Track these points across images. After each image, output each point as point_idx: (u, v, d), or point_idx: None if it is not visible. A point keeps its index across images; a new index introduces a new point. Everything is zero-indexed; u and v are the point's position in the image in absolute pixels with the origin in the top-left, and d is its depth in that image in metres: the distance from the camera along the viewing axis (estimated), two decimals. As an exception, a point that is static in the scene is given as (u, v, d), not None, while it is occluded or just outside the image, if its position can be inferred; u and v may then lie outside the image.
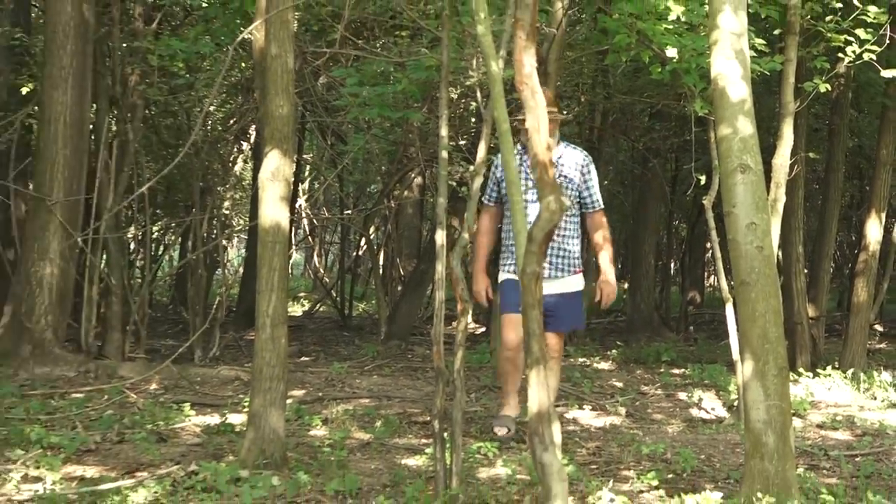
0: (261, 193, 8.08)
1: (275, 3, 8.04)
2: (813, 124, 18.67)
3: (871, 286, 15.79)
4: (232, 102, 18.30)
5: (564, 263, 8.97)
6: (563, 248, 8.95)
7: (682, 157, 21.81)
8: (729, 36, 7.10)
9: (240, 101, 17.58)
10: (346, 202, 24.54)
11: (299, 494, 7.29)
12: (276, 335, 7.96)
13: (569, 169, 9.01)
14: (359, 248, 25.25)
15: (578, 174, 9.07)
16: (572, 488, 7.66)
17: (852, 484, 8.09)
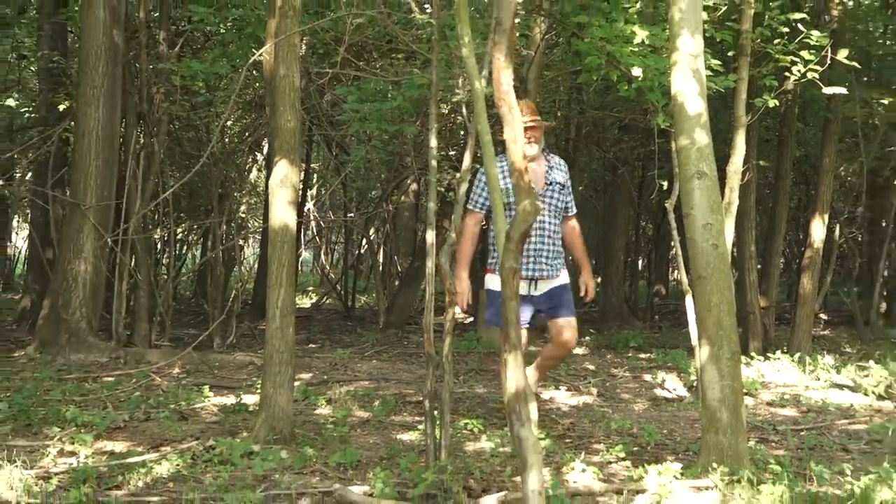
0: (270, 198, 8.09)
1: (283, 29, 8.06)
2: (764, 136, 18.68)
3: (816, 279, 15.86)
4: (247, 118, 18.28)
5: (558, 263, 8.62)
6: (557, 250, 8.61)
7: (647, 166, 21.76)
8: (687, 57, 7.11)
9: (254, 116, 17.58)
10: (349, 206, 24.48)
11: (305, 466, 7.31)
12: (284, 325, 7.97)
13: (559, 176, 8.68)
14: (360, 247, 25.21)
15: (566, 181, 8.77)
16: (549, 460, 7.68)
17: (797, 455, 8.10)
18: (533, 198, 4.76)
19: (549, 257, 8.52)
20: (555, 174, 8.64)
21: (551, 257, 8.53)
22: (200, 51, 16.18)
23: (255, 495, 6.33)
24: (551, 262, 8.53)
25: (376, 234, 23.90)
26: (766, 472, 7.04)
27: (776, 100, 11.14)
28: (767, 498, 6.37)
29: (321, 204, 27.65)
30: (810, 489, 6.69)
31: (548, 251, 8.50)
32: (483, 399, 10.51)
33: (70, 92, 14.68)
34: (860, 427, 9.59)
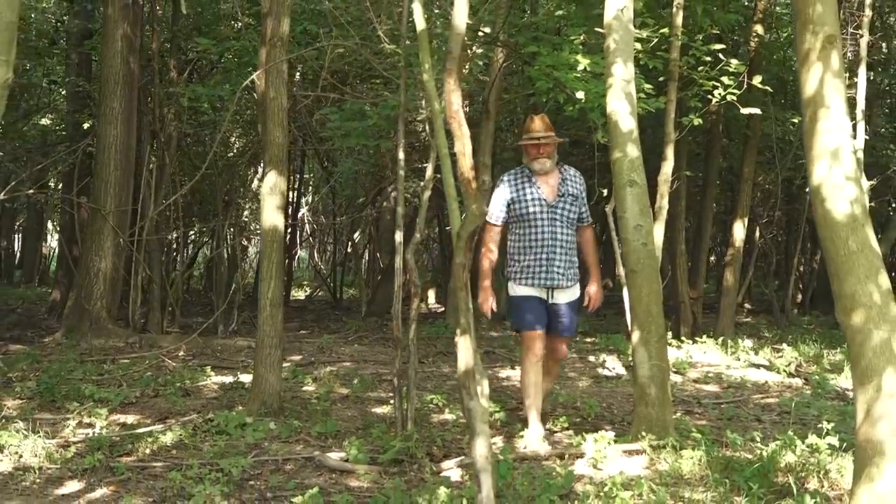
0: (262, 204, 8.09)
1: (272, 57, 8.07)
2: (695, 149, 18.72)
3: (738, 274, 16.00)
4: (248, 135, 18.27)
5: (572, 273, 7.62)
6: (570, 260, 7.60)
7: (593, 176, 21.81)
8: (620, 82, 7.14)
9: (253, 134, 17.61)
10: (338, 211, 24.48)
11: (291, 435, 7.32)
12: (273, 314, 7.99)
13: (572, 187, 7.64)
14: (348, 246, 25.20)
15: (580, 192, 7.71)
16: (501, 430, 7.70)
17: (717, 425, 8.12)
18: (480, 203, 4.75)
19: (564, 267, 7.54)
20: (568, 186, 7.63)
21: (565, 267, 7.55)
22: (207, 77, 16.18)
23: (245, 461, 6.33)
24: (565, 272, 7.55)
25: (361, 236, 23.86)
26: (689, 440, 7.05)
27: (701, 119, 11.22)
28: (688, 461, 6.39)
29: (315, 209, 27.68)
30: (726, 454, 6.71)
31: (561, 261, 7.52)
32: (448, 377, 10.50)
33: (93, 112, 14.70)
34: (773, 400, 9.62)
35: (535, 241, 7.51)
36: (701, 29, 12.11)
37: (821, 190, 4.91)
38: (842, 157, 4.86)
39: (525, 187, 7.59)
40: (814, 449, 6.42)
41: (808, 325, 18.09)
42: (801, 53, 5.03)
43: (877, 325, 4.72)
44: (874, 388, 4.70)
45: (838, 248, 4.84)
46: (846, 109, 4.96)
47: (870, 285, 4.76)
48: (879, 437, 4.66)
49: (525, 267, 7.57)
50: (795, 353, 12.72)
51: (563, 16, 11.92)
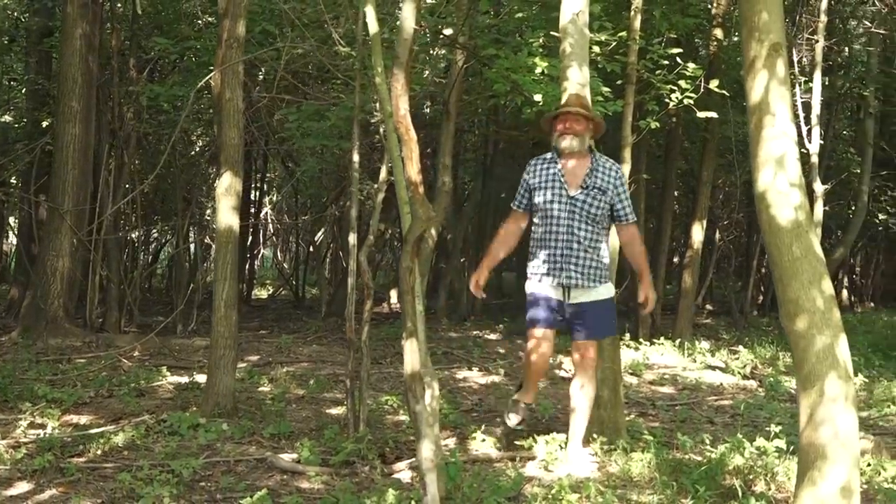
0: (216, 205, 8.08)
1: (228, 58, 8.05)
2: (655, 152, 18.85)
3: (696, 276, 16.12)
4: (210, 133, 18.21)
5: (596, 274, 6.81)
6: (594, 259, 6.80)
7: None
8: (575, 85, 7.15)
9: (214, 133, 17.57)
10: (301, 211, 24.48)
11: (244, 437, 7.31)
12: (228, 314, 7.98)
13: (602, 181, 6.82)
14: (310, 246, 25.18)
15: (611, 186, 6.85)
16: (454, 432, 7.71)
17: (670, 427, 8.17)
18: (427, 208, 4.77)
19: (584, 266, 6.77)
20: (597, 178, 6.83)
21: (585, 266, 6.77)
22: (168, 76, 16.12)
23: (197, 462, 6.32)
24: (585, 272, 6.77)
25: (324, 235, 23.84)
26: (640, 442, 7.10)
27: (658, 122, 11.24)
28: (638, 464, 6.44)
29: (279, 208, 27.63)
30: (675, 456, 6.75)
31: (578, 258, 6.75)
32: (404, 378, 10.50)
33: (51, 110, 14.61)
34: (726, 402, 9.70)
35: (551, 235, 6.79)
36: (659, 33, 12.19)
37: (766, 196, 4.96)
38: (786, 163, 4.91)
39: (547, 174, 6.91)
40: (762, 451, 6.47)
41: (766, 326, 18.22)
42: (747, 61, 5.08)
43: (820, 331, 4.77)
44: (817, 392, 4.75)
45: (782, 254, 4.89)
46: (791, 116, 5.02)
47: (813, 291, 4.81)
48: (822, 441, 4.71)
49: (541, 262, 6.88)
50: (751, 355, 12.83)
51: (524, 18, 11.95)
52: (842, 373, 4.75)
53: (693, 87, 10.83)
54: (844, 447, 4.69)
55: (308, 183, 22.87)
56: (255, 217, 22.15)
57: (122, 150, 14.12)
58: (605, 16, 10.98)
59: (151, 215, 18.49)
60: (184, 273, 16.07)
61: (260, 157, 20.61)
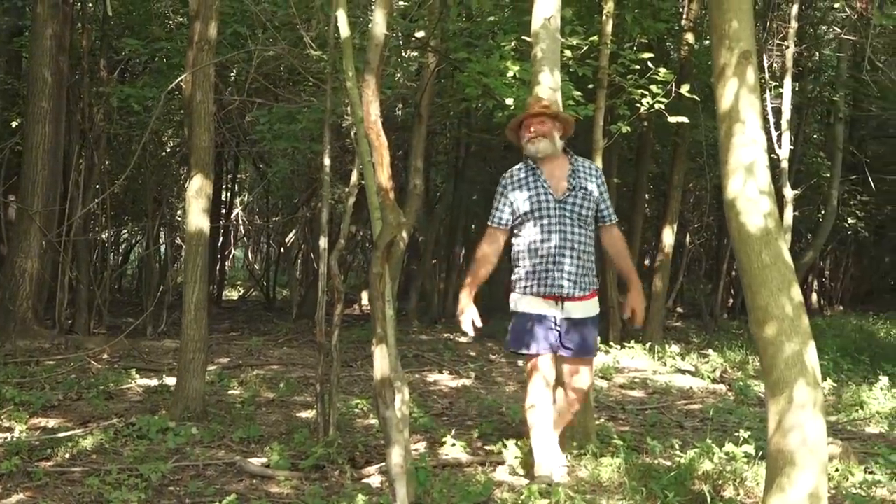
0: (187, 207, 8.04)
1: (199, 60, 8.02)
2: (627, 155, 18.90)
3: (667, 279, 16.17)
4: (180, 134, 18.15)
5: (587, 282, 6.38)
6: (585, 265, 6.37)
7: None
8: (547, 90, 7.14)
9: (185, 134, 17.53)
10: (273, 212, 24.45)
11: (213, 440, 7.29)
12: (198, 317, 7.95)
13: (585, 179, 6.46)
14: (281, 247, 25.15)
15: (596, 186, 6.50)
16: (424, 436, 7.69)
17: (639, 431, 8.17)
18: (397, 213, 4.76)
19: (576, 273, 6.32)
20: (580, 178, 6.46)
21: (578, 274, 6.33)
22: (139, 77, 16.06)
23: (166, 466, 6.30)
24: (578, 280, 6.33)
25: (295, 236, 23.81)
26: (610, 447, 7.11)
27: (629, 127, 11.26)
28: (607, 469, 6.45)
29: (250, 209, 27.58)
30: (645, 461, 6.76)
31: (572, 265, 6.30)
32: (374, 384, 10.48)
33: (21, 111, 14.53)
34: (696, 407, 9.72)
35: (541, 242, 6.33)
36: (631, 37, 12.22)
37: (735, 203, 4.97)
38: (756, 171, 4.93)
39: (528, 181, 6.47)
40: (731, 457, 6.50)
41: (735, 329, 18.27)
42: (717, 68, 5.10)
43: (789, 338, 4.79)
44: (786, 399, 4.76)
45: (752, 261, 4.91)
46: (761, 124, 5.03)
47: (782, 298, 4.83)
48: (790, 448, 4.73)
49: (529, 273, 6.39)
50: (721, 358, 12.87)
51: (495, 22, 11.96)
52: (810, 379, 4.77)
53: (664, 92, 10.85)
54: (813, 453, 4.71)
55: (279, 184, 22.84)
56: (227, 218, 22.08)
57: (92, 151, 14.07)
58: (577, 20, 10.99)
59: (121, 216, 18.44)
60: (154, 274, 16.01)
61: (231, 159, 20.56)
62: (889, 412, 9.24)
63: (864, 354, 12.99)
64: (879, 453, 7.08)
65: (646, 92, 10.95)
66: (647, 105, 10.95)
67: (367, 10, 11.54)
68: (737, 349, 13.91)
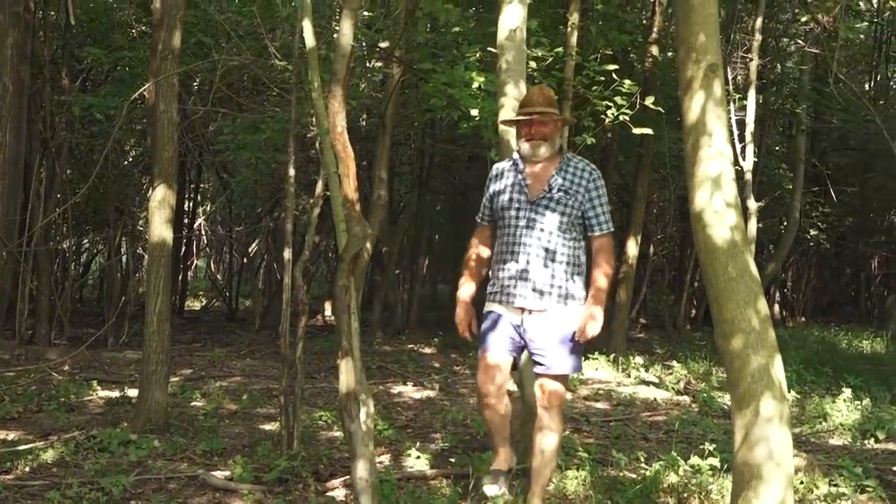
0: (150, 217, 7.98)
1: (162, 70, 7.97)
2: (590, 167, 18.92)
3: (630, 290, 16.19)
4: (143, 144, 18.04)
5: (559, 293, 5.67)
6: (559, 277, 5.68)
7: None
8: (511, 101, 7.15)
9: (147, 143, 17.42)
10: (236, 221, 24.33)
11: (176, 453, 7.23)
12: (161, 328, 7.89)
13: (571, 182, 5.74)
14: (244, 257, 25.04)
15: (582, 189, 5.75)
16: (389, 448, 7.66)
17: (604, 443, 8.17)
18: (363, 225, 4.73)
19: (544, 284, 5.66)
20: (565, 180, 5.77)
21: (546, 284, 5.66)
22: (101, 86, 15.96)
23: (127, 479, 6.25)
24: (544, 292, 5.67)
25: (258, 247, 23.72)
26: (575, 459, 7.10)
27: (594, 138, 11.27)
28: (572, 482, 6.44)
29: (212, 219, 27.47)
30: (610, 473, 6.76)
31: (539, 276, 5.66)
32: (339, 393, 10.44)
33: (-20, 119, 14.39)
34: (660, 418, 9.73)
35: (507, 247, 5.79)
36: (595, 49, 12.23)
37: (702, 216, 4.97)
38: (723, 183, 4.93)
39: (508, 178, 5.92)
40: (696, 469, 6.51)
41: (699, 340, 18.32)
42: (683, 81, 5.10)
43: (755, 351, 4.79)
44: (752, 412, 4.77)
45: (718, 274, 4.91)
46: (727, 137, 5.04)
47: (749, 311, 4.83)
48: (756, 461, 4.73)
49: (496, 278, 5.85)
50: (685, 370, 12.90)
51: (460, 33, 11.95)
52: (777, 393, 4.77)
53: (629, 104, 10.88)
54: (779, 467, 4.72)
55: (242, 194, 22.75)
56: (189, 228, 21.97)
57: (53, 161, 13.95)
58: (542, 31, 11.01)
59: (82, 226, 18.30)
60: (115, 285, 15.90)
61: (194, 168, 20.44)
62: (852, 424, 9.29)
63: (827, 366, 13.04)
64: (844, 465, 7.09)
65: (610, 104, 10.98)
66: (612, 116, 10.99)
67: (332, 20, 11.49)
68: (700, 360, 13.94)
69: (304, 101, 8.37)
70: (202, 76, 12.99)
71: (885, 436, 8.83)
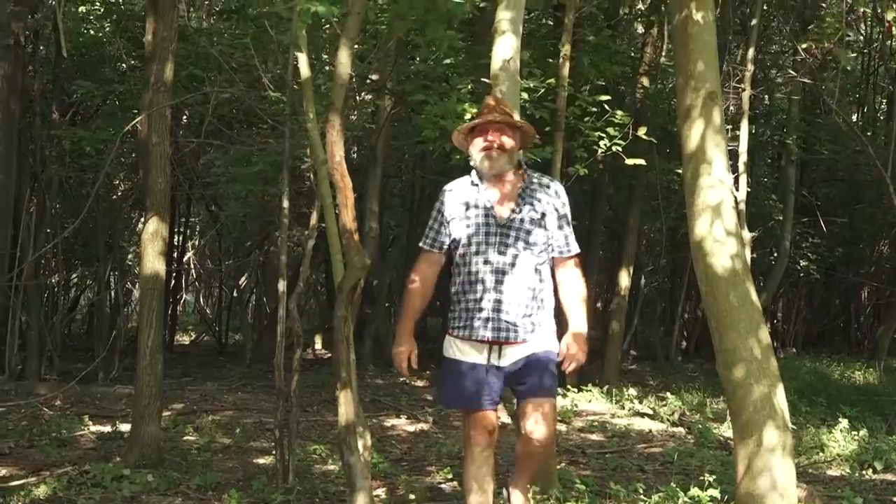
0: (143, 250, 7.92)
1: (155, 102, 7.94)
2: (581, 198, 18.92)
3: (623, 322, 16.16)
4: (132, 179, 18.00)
5: (534, 321, 5.25)
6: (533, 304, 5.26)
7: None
8: (506, 132, 7.10)
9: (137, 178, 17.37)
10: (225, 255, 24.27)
11: (170, 488, 7.13)
12: (153, 362, 7.82)
13: (540, 201, 5.26)
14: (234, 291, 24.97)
15: (550, 208, 5.27)
16: (384, 482, 7.60)
17: (601, 475, 8.11)
18: (362, 256, 4.69)
19: (518, 314, 5.18)
20: (533, 199, 5.28)
21: (521, 314, 5.18)
22: (91, 120, 15.94)
23: (121, 515, 6.18)
24: (521, 321, 5.19)
25: (248, 280, 23.65)
26: (573, 491, 7.04)
27: (587, 169, 11.26)
28: (571, 514, 6.39)
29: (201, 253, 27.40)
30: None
31: (513, 304, 5.17)
32: (333, 426, 10.39)
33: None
34: (656, 450, 9.67)
35: (474, 276, 5.22)
36: (587, 80, 12.23)
37: (703, 245, 4.95)
38: (723, 212, 4.91)
39: (468, 199, 5.33)
40: (696, 501, 6.45)
41: (691, 372, 18.28)
42: (682, 109, 5.09)
43: (757, 380, 4.77)
44: (755, 442, 4.73)
45: (719, 303, 4.88)
46: (727, 165, 5.02)
47: (750, 340, 4.81)
48: (760, 492, 4.69)
49: (462, 311, 5.28)
50: (679, 401, 12.84)
51: (451, 65, 11.94)
52: (779, 422, 4.74)
53: (621, 135, 10.88)
54: (783, 498, 4.68)
55: (231, 227, 22.72)
56: (179, 262, 21.90)
57: (43, 195, 13.91)
58: (534, 62, 11.01)
59: (72, 260, 18.24)
60: (105, 319, 15.84)
61: (183, 202, 20.40)
62: (849, 454, 9.24)
63: (821, 396, 13.00)
64: (844, 497, 7.05)
65: (603, 134, 10.97)
66: (605, 147, 10.97)
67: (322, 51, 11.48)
68: (694, 391, 13.90)
69: (297, 132, 8.33)
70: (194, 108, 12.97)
71: (883, 466, 8.78)
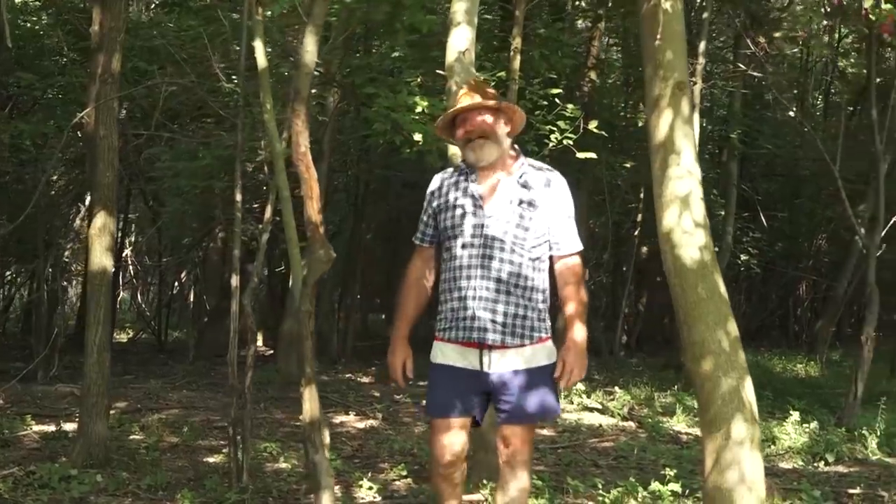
0: (90, 245, 7.77)
1: (102, 94, 7.78)
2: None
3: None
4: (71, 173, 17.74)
5: (524, 326, 4.60)
6: (524, 306, 4.62)
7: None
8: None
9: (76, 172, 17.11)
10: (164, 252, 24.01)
11: (119, 489, 6.98)
12: (101, 360, 7.66)
13: (534, 191, 4.68)
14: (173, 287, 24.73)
15: (548, 200, 4.69)
16: (338, 479, 7.49)
17: (556, 471, 8.07)
18: (328, 248, 4.59)
19: (506, 315, 4.58)
20: (526, 189, 4.69)
21: (510, 315, 4.58)
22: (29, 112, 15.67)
23: (71, 516, 6.03)
24: (508, 324, 4.58)
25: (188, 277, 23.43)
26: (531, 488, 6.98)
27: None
28: (532, 510, 6.33)
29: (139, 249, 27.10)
30: (568, 501, 6.66)
31: (500, 304, 4.59)
32: (282, 424, 10.28)
33: None
34: (608, 445, 9.65)
35: (461, 272, 4.68)
36: (538, 73, 12.20)
37: (671, 236, 4.89)
38: (692, 203, 4.86)
39: (457, 191, 4.81)
40: (656, 496, 6.42)
41: (636, 366, 18.33)
42: (650, 99, 5.03)
43: (725, 373, 4.72)
44: (723, 435, 4.69)
45: (687, 295, 4.83)
46: (696, 155, 4.98)
47: (719, 332, 4.76)
48: (728, 486, 4.65)
49: (448, 311, 4.73)
50: (627, 395, 12.86)
51: (400, 57, 11.86)
52: (748, 415, 4.71)
53: (572, 128, 10.85)
54: (751, 491, 4.64)
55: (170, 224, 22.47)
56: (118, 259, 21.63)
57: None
58: (484, 55, 10.97)
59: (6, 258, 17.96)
60: (43, 317, 15.57)
61: (123, 197, 20.13)
62: (801, 447, 9.27)
63: (766, 390, 13.06)
64: (802, 489, 7.06)
65: (553, 128, 10.94)
66: (556, 141, 10.95)
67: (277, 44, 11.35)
68: (642, 385, 13.92)
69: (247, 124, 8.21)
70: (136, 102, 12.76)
71: (835, 458, 8.83)
